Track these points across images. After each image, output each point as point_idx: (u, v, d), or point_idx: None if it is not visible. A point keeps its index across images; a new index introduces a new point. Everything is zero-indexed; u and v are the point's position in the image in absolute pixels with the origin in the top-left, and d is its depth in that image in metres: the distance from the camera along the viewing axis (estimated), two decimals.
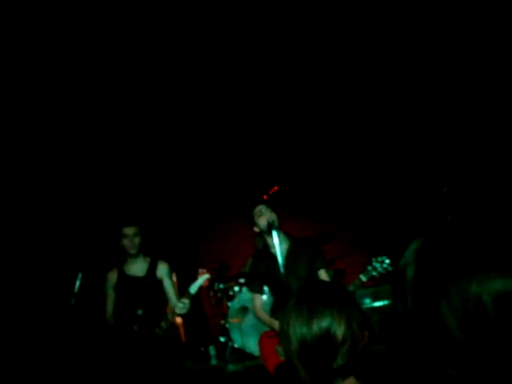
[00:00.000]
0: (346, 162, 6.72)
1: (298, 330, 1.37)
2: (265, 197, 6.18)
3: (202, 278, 4.02)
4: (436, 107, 6.12)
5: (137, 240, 4.17)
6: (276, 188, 6.23)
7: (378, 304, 5.46)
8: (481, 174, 5.73)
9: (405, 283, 0.86)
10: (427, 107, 6.16)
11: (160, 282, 4.25)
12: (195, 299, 4.07)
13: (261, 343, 3.81)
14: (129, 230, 4.15)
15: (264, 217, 3.80)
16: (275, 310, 3.92)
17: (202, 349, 5.73)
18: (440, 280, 0.80)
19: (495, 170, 5.64)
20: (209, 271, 4.08)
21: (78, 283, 3.37)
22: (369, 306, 5.45)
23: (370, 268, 3.47)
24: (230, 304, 5.65)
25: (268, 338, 3.74)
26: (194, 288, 3.98)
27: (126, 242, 4.15)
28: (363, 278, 3.45)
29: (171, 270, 4.37)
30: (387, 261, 3.47)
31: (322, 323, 1.35)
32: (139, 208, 6.05)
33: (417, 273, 0.84)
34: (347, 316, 1.38)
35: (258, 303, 3.96)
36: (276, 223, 3.69)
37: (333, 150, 6.70)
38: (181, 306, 3.85)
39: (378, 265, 3.46)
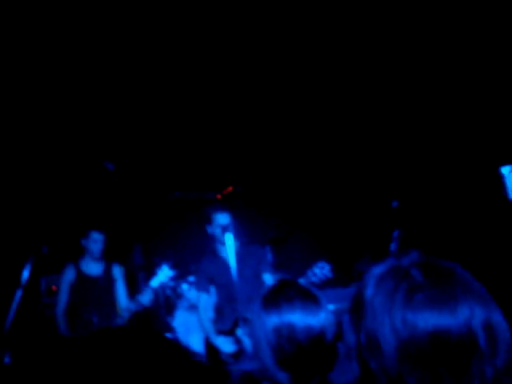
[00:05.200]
0: (302, 165, 6.79)
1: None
2: (218, 196, 6.18)
3: (164, 274, 4.05)
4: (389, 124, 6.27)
5: (103, 246, 4.20)
6: (230, 189, 6.23)
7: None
8: (432, 191, 5.91)
9: (362, 299, 1.00)
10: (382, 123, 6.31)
11: (113, 283, 4.27)
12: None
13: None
14: (98, 236, 4.19)
15: (219, 219, 3.84)
16: (220, 310, 3.97)
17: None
18: (389, 305, 0.94)
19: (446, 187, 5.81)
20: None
21: (26, 274, 3.22)
22: None
23: (310, 273, 3.37)
24: (178, 302, 5.64)
25: None
26: (155, 282, 4.02)
27: (92, 245, 4.16)
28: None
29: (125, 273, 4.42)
30: (327, 267, 3.38)
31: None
32: (103, 210, 5.92)
33: (373, 294, 0.98)
34: None
35: (202, 302, 4.00)
36: (230, 227, 3.73)
37: (290, 152, 6.77)
38: (145, 297, 3.89)
39: (318, 270, 3.36)
